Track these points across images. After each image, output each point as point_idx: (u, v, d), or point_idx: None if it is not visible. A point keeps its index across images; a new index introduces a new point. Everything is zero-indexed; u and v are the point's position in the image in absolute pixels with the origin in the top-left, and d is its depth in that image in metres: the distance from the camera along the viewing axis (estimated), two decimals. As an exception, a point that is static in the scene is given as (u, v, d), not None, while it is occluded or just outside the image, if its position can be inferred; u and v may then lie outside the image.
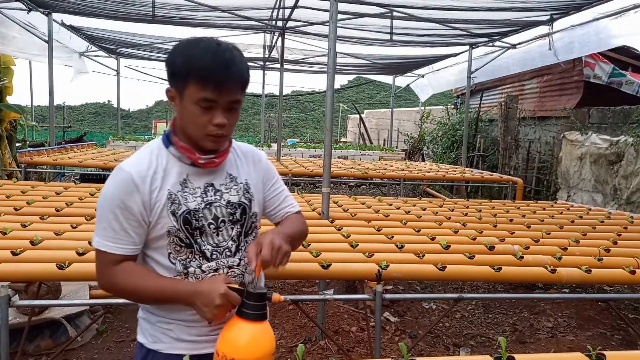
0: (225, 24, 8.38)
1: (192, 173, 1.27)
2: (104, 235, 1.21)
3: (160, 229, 1.24)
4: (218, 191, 1.30)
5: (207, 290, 1.14)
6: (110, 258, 1.22)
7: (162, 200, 1.23)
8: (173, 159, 1.27)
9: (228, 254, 1.32)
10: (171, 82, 1.22)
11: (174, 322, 1.29)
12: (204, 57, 1.16)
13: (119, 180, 1.21)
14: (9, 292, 1.95)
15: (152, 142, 1.32)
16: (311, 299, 2.41)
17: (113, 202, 1.20)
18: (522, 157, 9.65)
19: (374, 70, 13.36)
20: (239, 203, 1.34)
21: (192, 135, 1.24)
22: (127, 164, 1.24)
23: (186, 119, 1.22)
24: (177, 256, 1.26)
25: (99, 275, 1.26)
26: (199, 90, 1.16)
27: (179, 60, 1.18)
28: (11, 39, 7.82)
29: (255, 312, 1.12)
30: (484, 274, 2.55)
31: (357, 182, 10.96)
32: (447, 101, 18.05)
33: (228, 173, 1.34)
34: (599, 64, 8.69)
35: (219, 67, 1.16)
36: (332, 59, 3.58)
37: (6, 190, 4.24)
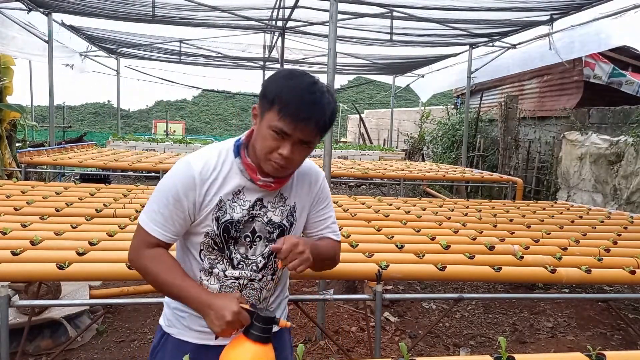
0: (225, 23, 8.39)
1: (248, 187, 1.32)
2: (151, 216, 1.29)
3: (201, 228, 1.31)
4: (264, 207, 1.34)
5: (221, 305, 1.18)
6: (148, 238, 1.29)
7: (212, 205, 1.29)
8: (236, 169, 1.32)
9: (254, 268, 1.37)
10: (259, 102, 1.27)
11: (188, 311, 1.35)
12: (294, 90, 1.20)
13: (183, 173, 1.27)
14: (9, 292, 1.95)
15: (224, 144, 1.36)
16: (311, 299, 2.41)
17: (170, 190, 1.27)
18: (522, 157, 9.65)
19: (374, 70, 13.36)
20: (280, 224, 1.37)
21: (257, 154, 1.28)
22: (195, 161, 1.29)
23: (258, 138, 1.26)
24: (208, 255, 1.34)
25: (132, 249, 1.33)
26: (276, 119, 1.20)
27: (272, 85, 1.23)
28: (11, 39, 7.81)
29: (261, 335, 1.16)
30: (484, 274, 2.55)
31: (357, 182, 10.96)
32: (447, 101, 18.06)
33: (280, 192, 1.37)
34: (599, 64, 8.69)
35: (302, 105, 1.19)
36: (332, 59, 3.58)
37: (6, 190, 4.24)
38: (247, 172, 1.31)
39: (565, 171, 7.93)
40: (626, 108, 7.27)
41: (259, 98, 1.29)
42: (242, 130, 39.53)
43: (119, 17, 8.04)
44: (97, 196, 4.23)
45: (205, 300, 1.21)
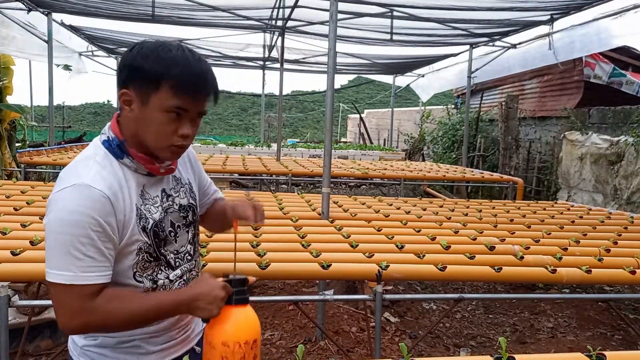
0: (225, 23, 8.38)
1: (148, 183, 1.20)
2: (78, 266, 1.04)
3: (131, 247, 1.14)
4: (170, 196, 1.26)
5: (208, 289, 1.13)
6: (90, 290, 1.06)
7: (133, 218, 1.14)
8: (127, 170, 1.16)
9: (188, 258, 1.31)
10: (131, 84, 1.11)
11: (138, 337, 1.21)
12: (181, 63, 1.09)
13: (90, 199, 1.06)
14: (9, 292, 1.95)
15: (94, 152, 1.16)
16: (311, 299, 2.41)
17: (86, 225, 1.04)
18: (522, 157, 9.64)
19: (374, 70, 13.35)
20: (189, 205, 1.31)
21: (151, 144, 1.14)
22: (88, 180, 1.08)
23: (147, 126, 1.12)
24: (143, 273, 1.19)
25: (75, 315, 1.06)
26: (171, 98, 1.09)
27: (150, 64, 1.08)
28: (11, 39, 7.81)
29: (241, 297, 1.18)
30: (484, 274, 2.55)
31: (357, 182, 10.96)
32: (447, 101, 18.05)
33: (173, 176, 1.29)
34: (599, 64, 8.70)
35: (197, 76, 1.11)
36: (332, 59, 3.57)
37: (6, 190, 4.23)
38: (145, 166, 1.17)
39: (565, 171, 7.93)
40: (626, 108, 7.27)
41: (126, 80, 1.11)
42: (242, 129, 39.38)
43: (119, 17, 8.03)
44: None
45: (191, 294, 1.12)
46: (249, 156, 10.14)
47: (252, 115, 41.52)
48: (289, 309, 3.97)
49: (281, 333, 3.60)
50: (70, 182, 1.07)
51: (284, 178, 7.33)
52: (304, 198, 4.75)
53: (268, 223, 3.49)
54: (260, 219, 1.30)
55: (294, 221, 3.54)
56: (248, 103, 46.24)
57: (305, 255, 2.58)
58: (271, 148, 12.93)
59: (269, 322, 3.75)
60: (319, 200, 4.09)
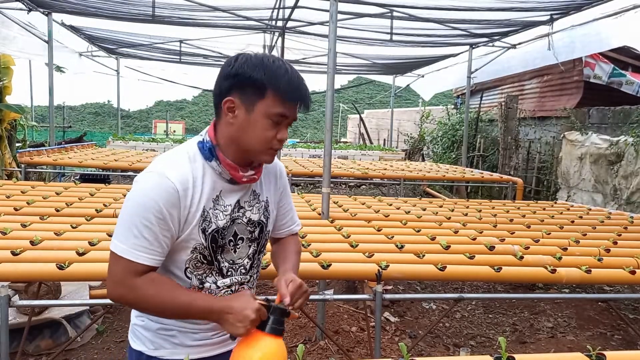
0: (225, 23, 8.38)
1: (225, 190, 1.25)
2: (133, 243, 1.13)
3: (187, 244, 1.21)
4: (242, 208, 1.29)
5: (241, 306, 1.14)
6: (135, 268, 1.15)
7: (197, 217, 1.20)
8: (210, 172, 1.23)
9: (243, 272, 1.33)
10: (237, 93, 1.18)
11: (177, 328, 1.28)
12: (285, 74, 1.17)
13: (161, 187, 1.14)
14: (9, 292, 1.95)
15: (188, 148, 1.25)
16: (311, 299, 2.41)
17: (151, 209, 1.12)
18: (522, 157, 9.65)
19: (374, 70, 13.35)
20: (259, 222, 1.34)
21: (251, 148, 1.21)
22: (168, 170, 1.16)
23: (250, 131, 1.19)
24: (194, 271, 1.25)
25: (116, 285, 1.17)
26: (277, 105, 1.17)
27: (258, 73, 1.16)
28: (11, 39, 7.81)
29: (278, 327, 1.16)
30: (484, 274, 2.55)
31: (357, 182, 10.96)
32: (447, 101, 18.06)
33: (252, 190, 1.33)
34: (599, 64, 8.70)
35: (298, 86, 1.20)
36: (332, 59, 3.58)
37: (6, 190, 4.24)
38: (230, 172, 1.23)
39: (565, 171, 7.93)
40: (626, 108, 7.27)
41: (232, 89, 1.18)
42: (242, 130, 39.93)
43: (119, 17, 8.03)
44: (97, 196, 4.23)
45: (225, 306, 1.15)
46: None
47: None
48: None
49: (281, 333, 3.60)
50: (155, 169, 1.18)
51: (284, 178, 7.30)
52: (304, 198, 4.76)
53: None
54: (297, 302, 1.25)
55: (294, 221, 3.53)
56: (248, 103, 46.17)
57: (305, 255, 2.58)
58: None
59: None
60: (319, 200, 4.09)
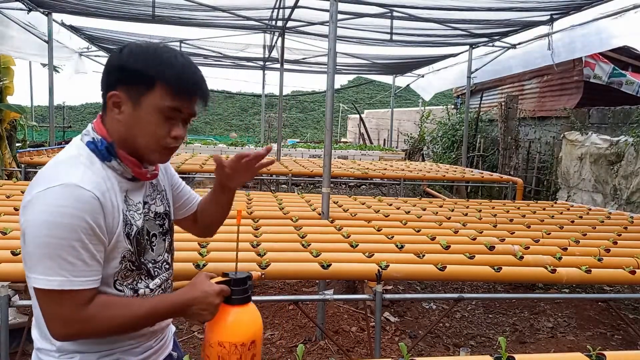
0: (225, 23, 8.39)
1: (130, 189, 1.15)
2: (70, 271, 0.98)
3: (115, 254, 1.09)
4: (146, 204, 1.20)
5: (202, 295, 1.10)
6: (81, 297, 1.01)
7: (120, 222, 1.09)
8: (111, 173, 1.11)
9: (166, 267, 1.27)
10: (122, 87, 1.08)
11: (119, 350, 1.16)
12: (175, 65, 1.08)
13: (82, 200, 1.00)
14: (9, 292, 1.95)
15: (78, 151, 1.11)
16: (311, 299, 2.41)
17: (79, 227, 0.99)
18: (522, 157, 9.65)
19: (374, 70, 13.36)
20: (165, 213, 1.27)
21: (141, 146, 1.11)
22: (75, 179, 1.01)
23: (137, 128, 1.09)
24: (124, 282, 1.13)
25: (67, 325, 1.01)
26: (167, 98, 1.08)
27: (144, 65, 1.07)
28: (11, 39, 7.82)
29: (244, 296, 1.16)
30: (484, 274, 2.55)
31: (357, 182, 10.96)
32: (447, 101, 18.07)
33: (150, 183, 1.23)
34: (599, 64, 8.70)
35: (192, 78, 1.11)
36: (332, 59, 3.58)
37: (6, 190, 4.24)
38: (133, 170, 1.13)
39: (565, 171, 7.93)
40: (626, 108, 7.27)
41: (116, 82, 1.08)
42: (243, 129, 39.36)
43: (119, 17, 8.04)
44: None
45: (185, 298, 1.10)
46: (249, 156, 10.10)
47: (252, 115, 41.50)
48: (289, 308, 3.97)
49: (281, 332, 3.60)
50: (57, 182, 1.00)
51: (284, 178, 7.33)
52: (304, 198, 4.76)
53: (268, 223, 3.50)
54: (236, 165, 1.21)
55: (294, 221, 3.54)
56: (248, 103, 46.25)
57: (305, 255, 2.59)
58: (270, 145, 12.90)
59: (269, 322, 3.75)
60: (319, 200, 4.10)
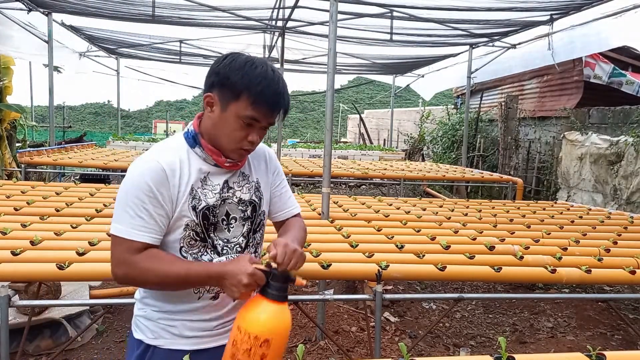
0: (225, 23, 8.38)
1: (212, 172, 1.32)
2: (129, 222, 1.21)
3: (180, 221, 1.27)
4: (231, 188, 1.35)
5: (235, 270, 1.17)
6: (135, 246, 1.21)
7: (186, 195, 1.27)
8: (195, 157, 1.31)
9: (238, 250, 1.37)
10: (216, 91, 1.25)
11: (178, 318, 1.33)
12: (262, 81, 1.22)
13: (148, 169, 1.23)
14: (9, 292, 1.95)
15: (174, 139, 1.34)
16: (311, 299, 2.41)
17: (142, 189, 1.21)
18: (522, 157, 9.65)
19: (374, 70, 13.35)
20: (250, 201, 1.39)
21: (222, 145, 1.29)
22: (154, 156, 1.26)
23: (222, 128, 1.27)
24: (189, 250, 1.30)
25: (117, 265, 1.24)
26: (248, 109, 1.23)
27: (236, 76, 1.22)
28: (11, 39, 7.82)
29: (278, 293, 1.17)
30: (484, 274, 2.55)
31: (357, 182, 10.96)
32: (447, 101, 18.06)
33: (241, 172, 1.39)
34: (599, 64, 8.69)
35: (273, 95, 1.24)
36: (332, 59, 3.58)
37: (6, 190, 4.24)
38: (212, 157, 1.31)
39: (565, 171, 7.93)
40: (626, 108, 7.27)
41: (213, 86, 1.26)
42: (242, 130, 39.79)
43: (119, 17, 8.03)
44: (97, 196, 4.23)
45: (220, 270, 1.20)
46: (249, 156, 10.10)
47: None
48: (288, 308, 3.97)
49: (281, 333, 3.59)
50: (143, 157, 1.27)
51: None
52: (304, 198, 4.76)
53: (268, 223, 3.49)
54: (288, 262, 1.21)
55: (294, 221, 3.53)
56: (248, 103, 46.18)
57: (305, 255, 2.58)
58: (271, 148, 12.90)
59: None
60: (319, 200, 4.10)
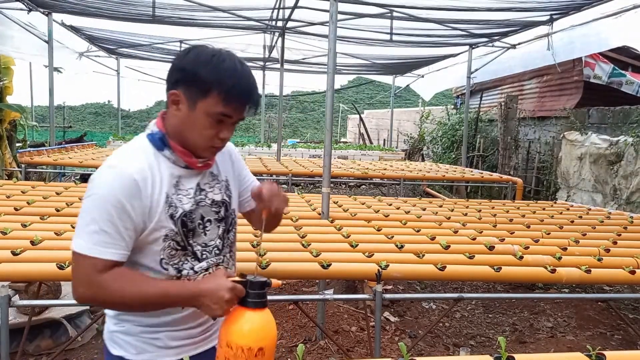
0: (225, 24, 8.39)
1: (183, 175, 1.26)
2: (94, 239, 1.11)
3: (158, 233, 1.19)
4: (203, 190, 1.30)
5: (214, 288, 1.14)
6: (100, 264, 1.12)
7: (161, 204, 1.19)
8: (165, 161, 1.24)
9: (216, 252, 1.33)
10: (182, 88, 1.19)
11: (163, 330, 1.27)
12: (233, 76, 1.18)
13: (118, 179, 1.14)
14: (9, 292, 1.95)
15: (138, 142, 1.26)
16: (311, 299, 2.42)
17: (109, 202, 1.12)
18: (521, 157, 9.65)
19: (374, 71, 13.35)
20: (222, 201, 1.35)
21: (192, 143, 1.23)
22: (123, 163, 1.17)
23: (190, 127, 1.21)
24: (170, 261, 1.23)
25: (82, 285, 1.13)
26: (219, 105, 1.18)
27: (203, 72, 1.16)
28: (11, 39, 7.82)
29: (258, 300, 1.16)
30: (484, 274, 2.55)
31: (357, 182, 10.96)
32: (447, 101, 18.06)
33: (210, 172, 1.34)
34: (599, 64, 8.70)
35: (245, 89, 1.20)
36: (332, 59, 3.58)
37: (6, 190, 4.24)
38: (184, 159, 1.24)
39: (565, 171, 7.93)
40: (626, 108, 7.27)
41: (178, 83, 1.19)
42: (243, 129, 39.62)
43: (119, 17, 8.04)
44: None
45: (197, 289, 1.14)
46: (249, 156, 10.15)
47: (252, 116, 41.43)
48: (289, 308, 3.98)
49: (281, 332, 3.60)
50: (109, 164, 1.17)
51: (284, 178, 7.33)
52: (304, 198, 4.76)
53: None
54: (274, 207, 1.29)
55: (294, 221, 3.54)
56: (248, 103, 46.20)
57: (305, 255, 2.59)
58: (271, 148, 12.92)
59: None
60: (319, 200, 4.10)
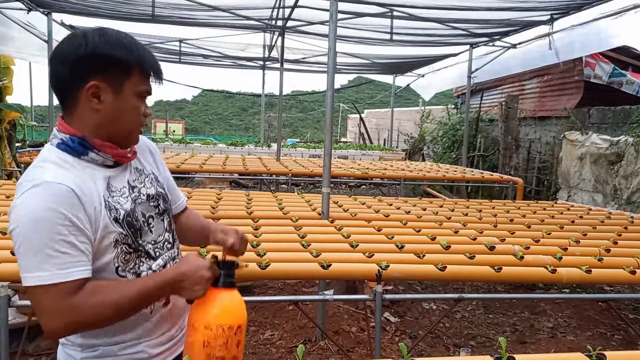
0: (225, 23, 8.39)
1: (112, 176, 1.17)
2: (54, 263, 0.99)
3: (107, 241, 1.10)
4: (134, 187, 1.22)
5: (193, 269, 1.11)
6: (69, 288, 1.00)
7: (103, 210, 1.09)
8: (89, 165, 1.13)
9: (168, 246, 1.28)
10: (99, 76, 1.08)
11: (142, 341, 1.20)
12: (142, 49, 1.14)
13: (54, 195, 1.00)
14: (9, 292, 1.95)
15: (49, 155, 1.11)
16: (311, 299, 2.41)
17: (55, 220, 0.99)
18: (522, 157, 9.65)
19: (374, 70, 13.35)
20: (158, 194, 1.28)
21: (121, 132, 1.15)
22: (48, 177, 1.03)
23: (120, 114, 1.13)
24: (126, 267, 1.15)
25: (54, 317, 1.00)
26: (143, 82, 1.15)
27: (119, 52, 1.08)
28: (11, 39, 7.82)
29: (231, 280, 1.18)
30: (484, 274, 2.55)
31: (357, 182, 10.97)
32: (447, 101, 18.05)
33: (134, 167, 1.25)
34: (600, 64, 8.70)
35: (154, 60, 1.17)
36: (332, 59, 3.57)
37: (6, 190, 4.23)
38: (112, 154, 1.14)
39: (565, 171, 7.92)
40: (626, 108, 7.27)
41: (91, 72, 1.07)
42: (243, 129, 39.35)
43: (119, 17, 8.03)
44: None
45: (176, 274, 1.10)
46: (249, 156, 10.15)
47: (252, 115, 41.54)
48: (289, 308, 3.97)
49: (281, 333, 3.60)
50: (30, 184, 1.02)
51: (284, 178, 7.33)
52: (304, 198, 4.76)
53: (268, 223, 3.50)
54: (243, 249, 1.28)
55: (294, 221, 3.54)
56: (248, 103, 46.30)
57: (305, 255, 2.59)
58: (271, 148, 12.92)
59: (269, 322, 3.74)
60: (319, 200, 4.09)
